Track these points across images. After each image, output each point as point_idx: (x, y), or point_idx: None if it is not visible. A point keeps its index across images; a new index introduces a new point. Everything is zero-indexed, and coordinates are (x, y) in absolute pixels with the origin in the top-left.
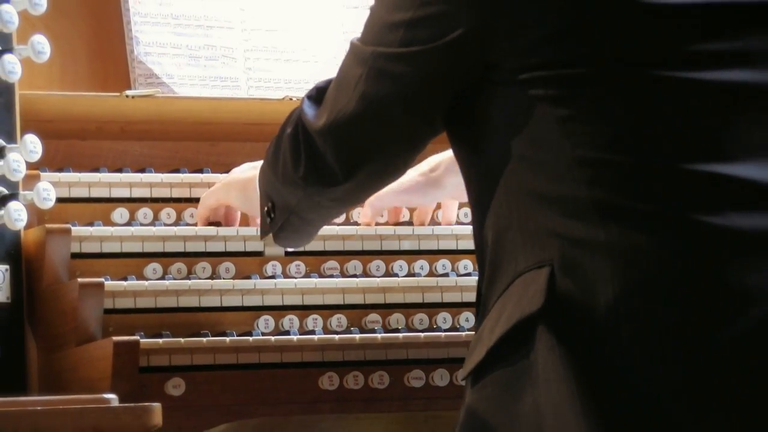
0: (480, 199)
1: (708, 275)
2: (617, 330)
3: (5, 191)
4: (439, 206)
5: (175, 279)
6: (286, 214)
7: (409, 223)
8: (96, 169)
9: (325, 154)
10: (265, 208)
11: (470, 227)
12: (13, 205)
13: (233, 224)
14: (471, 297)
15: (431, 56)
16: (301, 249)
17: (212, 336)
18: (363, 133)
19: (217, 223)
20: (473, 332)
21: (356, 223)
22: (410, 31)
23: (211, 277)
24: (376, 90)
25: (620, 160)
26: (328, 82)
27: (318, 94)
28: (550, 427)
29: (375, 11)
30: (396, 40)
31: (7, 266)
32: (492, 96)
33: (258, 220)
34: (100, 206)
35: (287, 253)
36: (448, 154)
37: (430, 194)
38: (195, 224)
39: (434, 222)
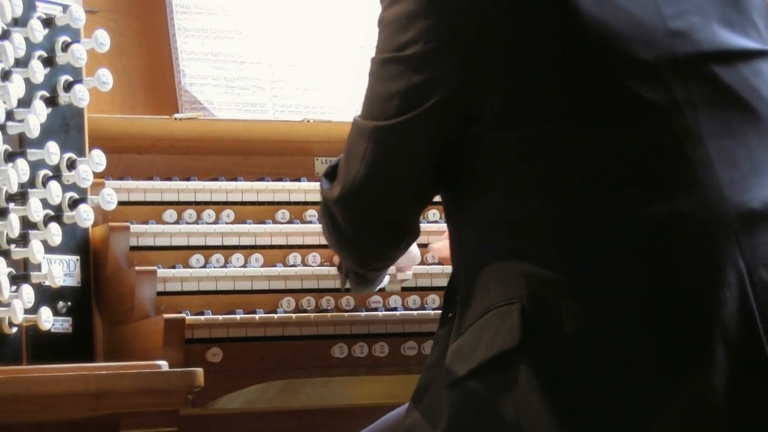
0: (454, 234)
1: (653, 301)
2: (583, 355)
3: (76, 196)
4: None
5: (214, 267)
6: (345, 270)
7: None
8: (150, 178)
9: (344, 221)
10: (338, 264)
11: None
12: (83, 207)
13: None
14: None
15: (428, 117)
16: (316, 243)
17: (244, 314)
18: (373, 197)
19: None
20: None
21: None
22: (406, 98)
23: (244, 266)
24: (382, 160)
25: (578, 209)
26: (339, 159)
27: (333, 171)
28: None
29: (370, 85)
30: (393, 109)
31: (78, 257)
32: (469, 150)
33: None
34: (153, 208)
35: (305, 246)
36: None
37: None
38: (231, 222)
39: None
